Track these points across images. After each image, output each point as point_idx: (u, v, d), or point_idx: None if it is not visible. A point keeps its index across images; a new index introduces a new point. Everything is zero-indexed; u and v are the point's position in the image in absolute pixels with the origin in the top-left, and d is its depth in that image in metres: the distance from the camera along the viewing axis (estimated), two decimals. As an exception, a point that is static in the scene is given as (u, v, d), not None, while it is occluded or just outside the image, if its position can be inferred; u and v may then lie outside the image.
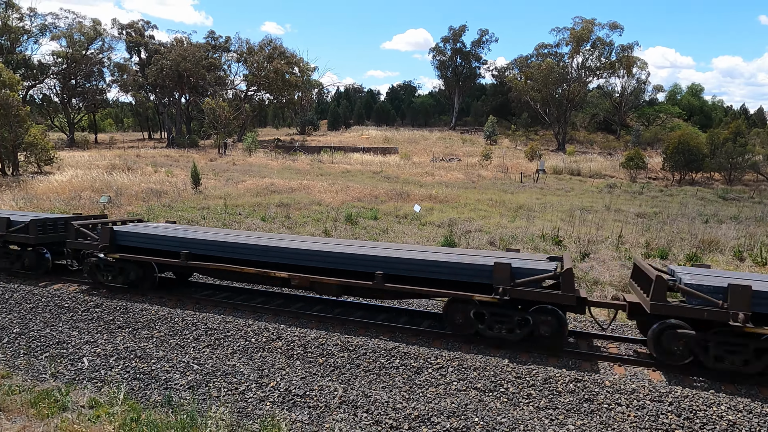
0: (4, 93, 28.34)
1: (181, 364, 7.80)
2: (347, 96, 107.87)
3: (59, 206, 20.47)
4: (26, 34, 62.92)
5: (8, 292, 10.60)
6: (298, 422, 6.42)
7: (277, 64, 65.56)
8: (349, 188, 27.32)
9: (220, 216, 19.39)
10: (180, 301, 9.98)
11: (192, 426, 5.97)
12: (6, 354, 8.34)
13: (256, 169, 37.26)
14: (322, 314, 9.13)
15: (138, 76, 68.02)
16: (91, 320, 9.34)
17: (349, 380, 7.19)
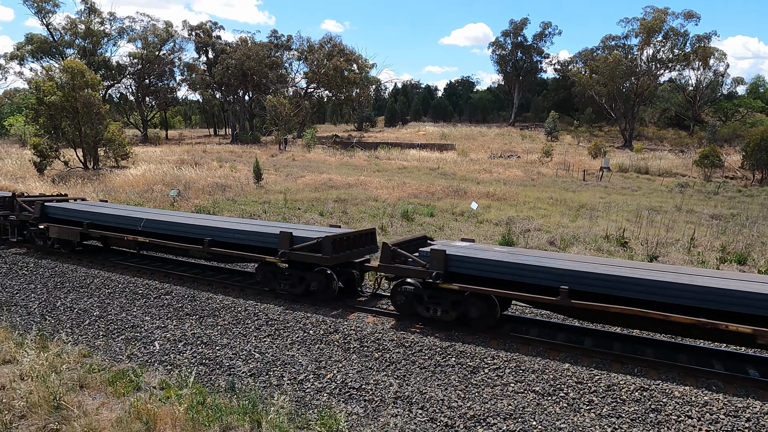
0: (87, 92, 30.48)
1: (243, 352, 8.13)
2: (404, 92, 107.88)
3: (134, 198, 21.81)
4: (106, 37, 67.40)
5: (89, 277, 11.44)
6: (354, 414, 6.54)
7: (337, 62, 66.59)
8: (405, 185, 27.36)
9: (280, 210, 19.99)
10: (242, 291, 10.38)
11: (253, 412, 6.22)
12: (87, 335, 9.01)
13: (315, 165, 38.07)
14: (379, 309, 9.21)
15: (205, 75, 71.19)
16: (162, 306, 9.91)
17: (404, 376, 7.23)
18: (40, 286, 11.26)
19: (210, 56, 72.48)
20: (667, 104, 73.23)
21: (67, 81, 30.28)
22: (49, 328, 9.17)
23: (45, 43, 63.95)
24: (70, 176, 28.14)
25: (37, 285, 11.31)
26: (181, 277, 11.38)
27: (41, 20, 63.99)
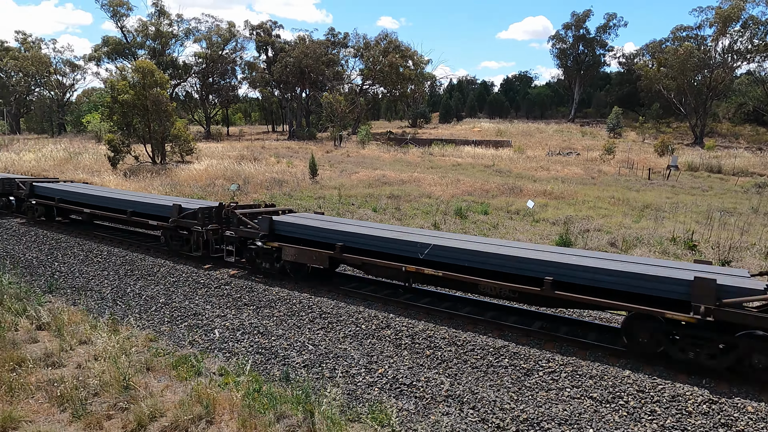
0: (156, 91, 32.15)
1: (297, 344, 8.33)
2: (460, 88, 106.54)
3: (197, 192, 22.81)
4: (174, 38, 70.80)
5: (156, 266, 12.08)
6: (405, 410, 6.55)
7: (392, 58, 66.70)
8: (459, 181, 27.06)
9: (334, 205, 20.29)
10: (297, 285, 10.63)
11: (306, 402, 6.36)
12: (154, 320, 9.53)
13: (369, 161, 38.36)
14: (431, 307, 9.18)
15: (265, 73, 73.27)
16: (221, 296, 10.32)
17: (455, 375, 7.17)
18: (112, 273, 12.02)
19: (269, 55, 74.50)
20: (744, 98, 68.21)
21: (138, 80, 32.04)
22: (120, 313, 9.77)
23: (119, 44, 67.99)
24: (140, 170, 29.82)
25: (110, 272, 12.08)
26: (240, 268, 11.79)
27: (116, 23, 68.10)
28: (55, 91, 78.75)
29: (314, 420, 5.98)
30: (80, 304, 10.09)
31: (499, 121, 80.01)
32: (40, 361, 7.24)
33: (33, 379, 6.70)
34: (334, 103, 57.21)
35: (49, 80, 76.81)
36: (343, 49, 74.94)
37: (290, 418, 6.15)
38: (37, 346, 7.85)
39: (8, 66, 72.96)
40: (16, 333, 8.15)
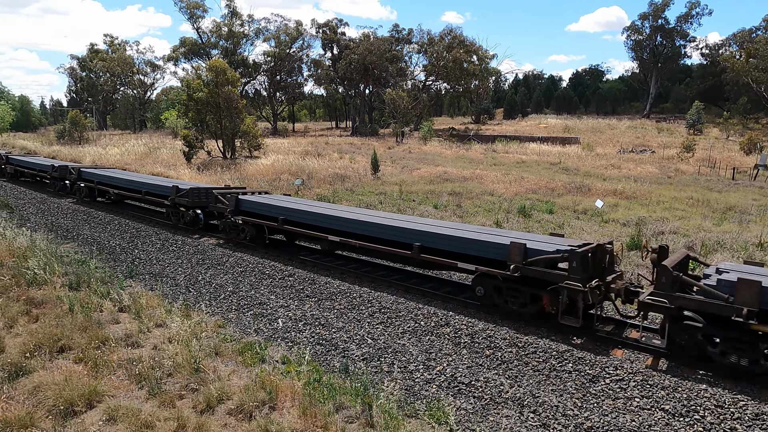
0: (227, 89, 33.63)
1: (357, 337, 8.46)
2: (526, 83, 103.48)
3: (264, 186, 23.65)
4: (245, 37, 73.69)
5: (225, 256, 12.66)
6: (463, 410, 6.49)
7: (456, 53, 65.90)
8: (523, 179, 26.35)
9: (395, 201, 20.38)
10: (358, 278, 10.78)
11: (365, 394, 6.45)
12: (222, 308, 10.00)
13: (431, 158, 38.17)
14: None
15: (330, 70, 74.69)
16: (285, 287, 10.66)
17: (516, 377, 7.01)
18: (185, 261, 12.73)
19: (335, 52, 75.83)
20: None
21: (211, 79, 33.62)
22: (192, 299, 10.32)
23: (195, 45, 71.65)
24: (211, 164, 31.34)
25: (183, 260, 12.79)
26: (303, 261, 12.13)
27: (192, 25, 71.79)
28: (137, 90, 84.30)
29: (372, 413, 6.05)
30: (157, 289, 10.76)
31: (567, 117, 77.02)
32: (121, 341, 7.80)
33: (115, 357, 7.23)
34: (397, 99, 57.35)
35: (132, 80, 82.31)
36: (407, 45, 74.90)
37: (349, 410, 6.26)
38: (119, 327, 8.46)
39: (97, 67, 78.92)
40: (101, 314, 8.82)
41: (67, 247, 14.00)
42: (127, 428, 5.54)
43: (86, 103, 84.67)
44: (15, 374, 6.64)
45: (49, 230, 15.82)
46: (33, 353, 7.12)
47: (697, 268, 10.45)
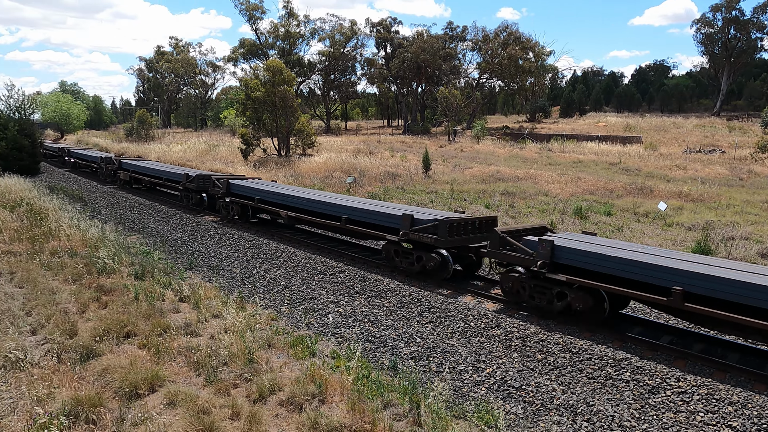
0: (283, 88, 34.47)
1: (405, 335, 8.46)
2: (584, 80, 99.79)
3: (317, 183, 24.10)
4: (301, 38, 75.26)
5: (279, 251, 13.00)
6: (513, 414, 6.36)
7: (511, 50, 64.48)
8: (579, 179, 25.46)
9: (446, 200, 20.22)
10: (407, 277, 10.79)
11: (413, 393, 6.44)
12: (275, 301, 10.28)
13: (483, 157, 37.59)
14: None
15: (383, 68, 75.02)
16: (336, 283, 10.82)
17: (569, 383, 6.79)
18: (241, 255, 13.17)
19: (388, 51, 76.05)
20: None
21: (268, 78, 34.57)
22: (247, 292, 10.67)
23: (253, 46, 73.90)
24: (267, 162, 32.25)
25: (239, 254, 13.25)
26: (353, 257, 12.28)
27: (251, 26, 74.05)
28: (199, 90, 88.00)
29: (420, 412, 6.03)
30: (214, 281, 11.20)
31: (628, 115, 73.70)
32: (181, 329, 8.17)
33: (175, 344, 7.59)
34: (450, 97, 56.83)
35: (194, 80, 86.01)
36: (461, 42, 74.04)
37: (396, 407, 6.27)
38: (179, 316, 8.86)
39: (163, 68, 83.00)
40: (163, 303, 9.28)
41: (134, 239, 14.82)
42: (185, 413, 5.80)
43: (152, 103, 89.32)
44: (86, 356, 7.11)
45: (117, 222, 16.80)
46: (102, 337, 7.59)
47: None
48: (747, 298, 6.38)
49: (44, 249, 12.00)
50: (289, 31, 72.90)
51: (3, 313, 8.27)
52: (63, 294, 9.23)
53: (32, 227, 13.96)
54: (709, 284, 6.69)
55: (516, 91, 73.37)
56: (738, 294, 6.45)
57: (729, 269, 7.02)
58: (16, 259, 11.32)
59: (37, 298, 9.03)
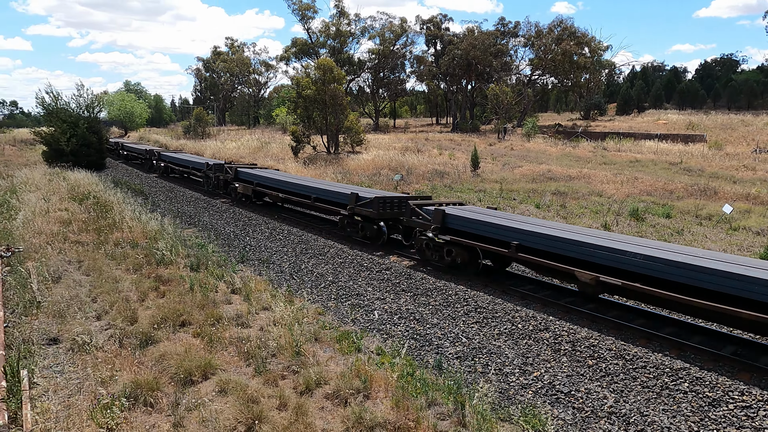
0: (333, 86, 34.94)
1: (451, 335, 8.40)
2: (643, 76, 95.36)
3: (364, 181, 24.29)
4: (351, 36, 75.98)
5: (327, 247, 13.21)
6: (561, 420, 6.19)
7: (566, 46, 62.51)
8: (636, 180, 24.40)
9: (494, 200, 19.90)
10: (454, 276, 10.70)
11: (457, 393, 6.40)
12: (322, 296, 10.45)
13: (534, 155, 36.70)
14: (596, 314, 8.49)
15: (432, 66, 74.56)
16: (382, 280, 10.88)
17: (621, 391, 6.54)
18: (290, 250, 13.47)
19: (438, 48, 75.54)
20: None
21: (319, 77, 35.12)
22: (295, 286, 10.91)
23: (305, 45, 75.26)
24: (316, 159, 32.80)
25: (288, 249, 13.55)
26: (400, 255, 12.29)
27: (303, 26, 75.39)
28: (252, 88, 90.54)
29: (464, 412, 5.98)
30: (264, 275, 11.52)
31: (691, 113, 69.90)
32: (232, 320, 8.46)
33: (227, 334, 7.86)
34: (500, 94, 55.79)
35: (248, 79, 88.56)
36: (513, 38, 72.48)
37: (441, 406, 6.24)
38: (231, 307, 9.17)
39: (219, 67, 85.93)
40: (216, 294, 9.63)
41: (189, 232, 15.45)
42: (236, 401, 6.01)
43: (208, 101, 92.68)
44: (145, 342, 7.49)
45: (174, 216, 17.57)
46: (160, 325, 7.97)
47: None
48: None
49: (109, 240, 12.72)
50: (340, 30, 73.73)
51: (72, 299, 8.83)
52: (125, 282, 9.76)
53: (98, 219, 14.82)
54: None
55: (570, 87, 71.18)
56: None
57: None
58: (83, 248, 12.05)
59: (101, 285, 9.59)
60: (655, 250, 7.97)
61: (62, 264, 10.82)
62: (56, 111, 29.90)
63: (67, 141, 28.52)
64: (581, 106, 78.13)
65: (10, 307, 8.61)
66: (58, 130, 29.13)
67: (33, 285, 9.43)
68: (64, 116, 29.60)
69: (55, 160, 28.74)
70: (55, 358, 7.05)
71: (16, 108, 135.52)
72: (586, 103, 75.51)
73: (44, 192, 18.91)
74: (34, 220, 14.04)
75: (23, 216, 14.53)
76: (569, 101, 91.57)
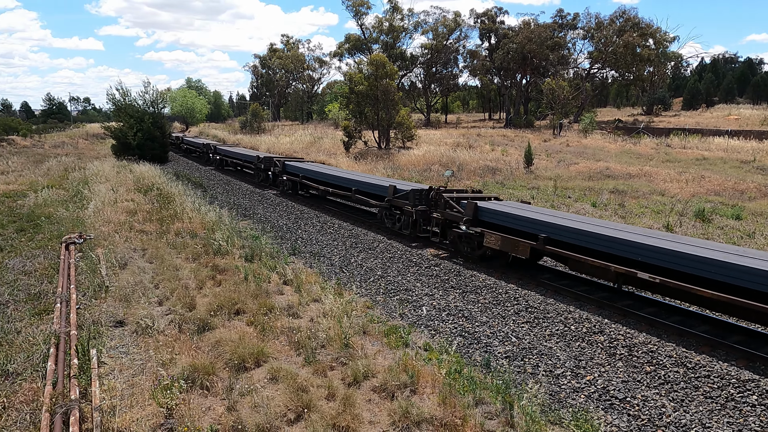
0: (385, 82, 35.01)
1: (500, 333, 8.27)
2: (713, 68, 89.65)
3: (415, 176, 24.24)
4: (404, 31, 75.84)
5: (376, 242, 13.30)
6: (615, 426, 5.97)
7: (628, 37, 59.66)
8: (703, 178, 23.04)
9: (548, 197, 19.36)
10: (504, 274, 10.51)
11: (506, 393, 6.29)
12: (371, 290, 10.54)
13: (591, 152, 35.38)
14: (655, 318, 8.11)
15: (486, 60, 73.25)
16: (430, 276, 10.84)
17: (682, 401, 6.22)
18: (340, 243, 13.67)
19: (492, 42, 74.11)
20: None
21: (371, 72, 35.29)
22: (344, 279, 11.07)
23: (358, 41, 75.83)
24: (367, 154, 33.04)
25: (339, 242, 13.75)
26: (447, 251, 12.21)
27: (357, 22, 76.01)
28: (306, 84, 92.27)
29: (513, 413, 5.88)
30: (315, 267, 11.75)
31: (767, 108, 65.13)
32: (284, 310, 8.69)
33: (279, 324, 8.09)
34: (557, 89, 54.09)
35: (302, 75, 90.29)
36: (571, 31, 69.96)
37: (488, 405, 6.16)
38: (283, 297, 9.42)
39: (275, 64, 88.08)
40: (268, 284, 9.92)
41: (244, 224, 15.97)
42: (286, 389, 6.18)
43: (264, 97, 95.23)
44: (202, 328, 7.82)
45: (231, 208, 18.22)
46: (216, 312, 8.31)
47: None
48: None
49: (170, 229, 13.35)
50: (393, 25, 73.75)
51: (136, 285, 9.35)
52: (184, 271, 10.22)
53: (161, 209, 15.59)
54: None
55: (631, 81, 68.02)
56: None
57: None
58: (147, 237, 12.73)
59: (163, 273, 10.09)
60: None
61: (128, 251, 11.47)
62: (124, 107, 31.66)
63: (134, 135, 30.14)
64: (644, 100, 74.53)
65: (82, 290, 9.22)
66: (125, 125, 30.84)
67: (102, 270, 10.06)
68: (131, 112, 31.29)
69: (123, 154, 30.47)
70: (121, 339, 7.49)
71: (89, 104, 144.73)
72: (649, 98, 71.95)
73: (113, 183, 20.09)
74: (104, 210, 14.95)
75: (94, 206, 15.50)
76: (630, 96, 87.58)
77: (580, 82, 65.52)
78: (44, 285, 9.47)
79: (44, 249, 11.76)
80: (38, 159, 32.65)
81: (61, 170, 26.39)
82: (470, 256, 11.44)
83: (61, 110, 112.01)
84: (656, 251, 7.90)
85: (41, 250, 11.72)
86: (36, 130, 62.07)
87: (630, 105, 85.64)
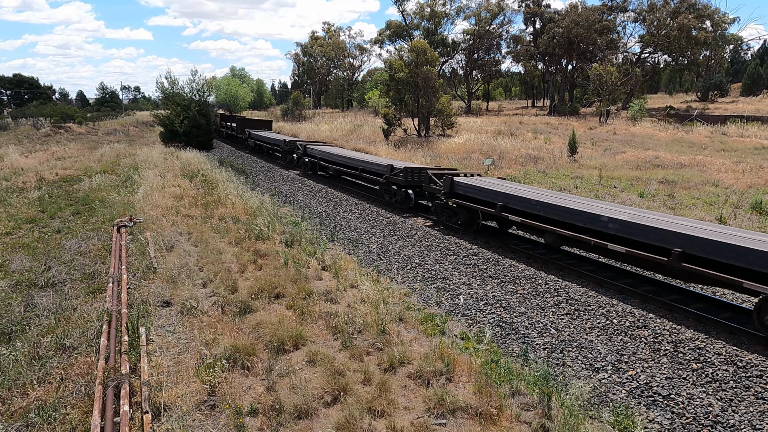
0: (426, 69, 34.67)
1: (539, 325, 8.14)
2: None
3: (454, 164, 23.99)
4: (446, 17, 74.68)
5: (414, 230, 13.29)
6: (656, 423, 5.80)
7: (683, 20, 56.63)
8: (762, 169, 21.78)
9: (593, 187, 18.79)
10: (544, 265, 10.31)
11: (544, 385, 6.21)
12: (408, 278, 10.57)
13: (639, 140, 34.00)
14: (704, 314, 7.79)
15: (530, 45, 71.29)
16: (468, 265, 10.76)
17: (730, 400, 5.97)
18: (378, 231, 13.73)
19: (537, 26, 71.99)
20: None
21: (412, 59, 35.00)
22: (382, 266, 11.13)
23: (399, 27, 75.23)
24: (406, 142, 32.91)
25: (377, 230, 13.82)
26: (487, 241, 12.07)
27: (398, 8, 75.33)
28: (346, 72, 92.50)
29: (550, 405, 5.80)
30: (353, 254, 11.87)
31: (837, 93, 60.66)
32: (322, 295, 8.84)
33: (317, 308, 8.24)
34: (604, 74, 52.12)
35: (343, 62, 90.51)
36: (621, 13, 66.99)
37: (525, 397, 6.10)
38: (321, 283, 9.58)
39: (316, 52, 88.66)
40: (307, 270, 10.10)
41: (285, 210, 16.27)
42: (323, 372, 6.30)
43: (305, 85, 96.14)
44: (244, 310, 8.06)
45: (272, 194, 18.58)
46: (257, 295, 8.54)
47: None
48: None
49: (214, 214, 13.77)
50: (435, 11, 72.72)
51: (182, 267, 9.71)
52: (227, 255, 10.54)
53: (205, 195, 16.08)
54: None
55: (686, 66, 64.75)
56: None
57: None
58: (192, 221, 13.17)
59: (207, 256, 10.44)
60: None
61: (175, 235, 11.91)
62: (172, 95, 32.66)
63: (181, 123, 31.09)
64: (698, 86, 70.87)
65: (132, 271, 9.66)
66: (173, 112, 31.84)
67: (150, 252, 10.49)
68: (178, 100, 32.25)
69: (170, 140, 31.51)
70: (168, 318, 7.82)
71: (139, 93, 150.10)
72: (704, 83, 68.38)
73: (161, 169, 20.84)
74: (152, 195, 15.54)
75: (143, 191, 16.14)
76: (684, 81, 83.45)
77: (630, 68, 62.87)
78: (98, 265, 9.96)
79: (98, 231, 12.36)
80: (92, 145, 34.21)
81: (114, 156, 27.57)
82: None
83: (114, 99, 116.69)
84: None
85: (95, 232, 12.32)
86: (90, 117, 64.96)
87: (683, 91, 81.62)
